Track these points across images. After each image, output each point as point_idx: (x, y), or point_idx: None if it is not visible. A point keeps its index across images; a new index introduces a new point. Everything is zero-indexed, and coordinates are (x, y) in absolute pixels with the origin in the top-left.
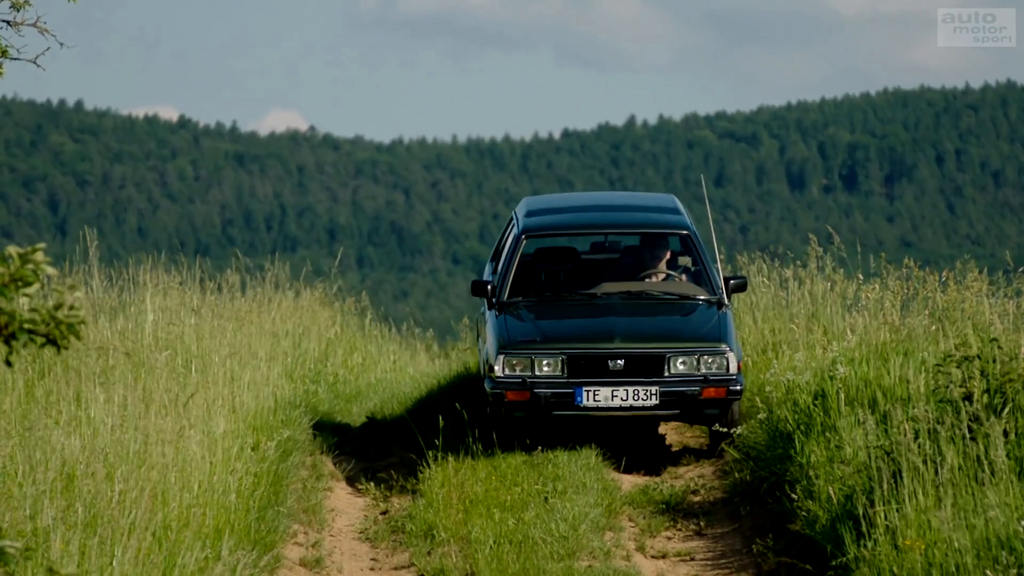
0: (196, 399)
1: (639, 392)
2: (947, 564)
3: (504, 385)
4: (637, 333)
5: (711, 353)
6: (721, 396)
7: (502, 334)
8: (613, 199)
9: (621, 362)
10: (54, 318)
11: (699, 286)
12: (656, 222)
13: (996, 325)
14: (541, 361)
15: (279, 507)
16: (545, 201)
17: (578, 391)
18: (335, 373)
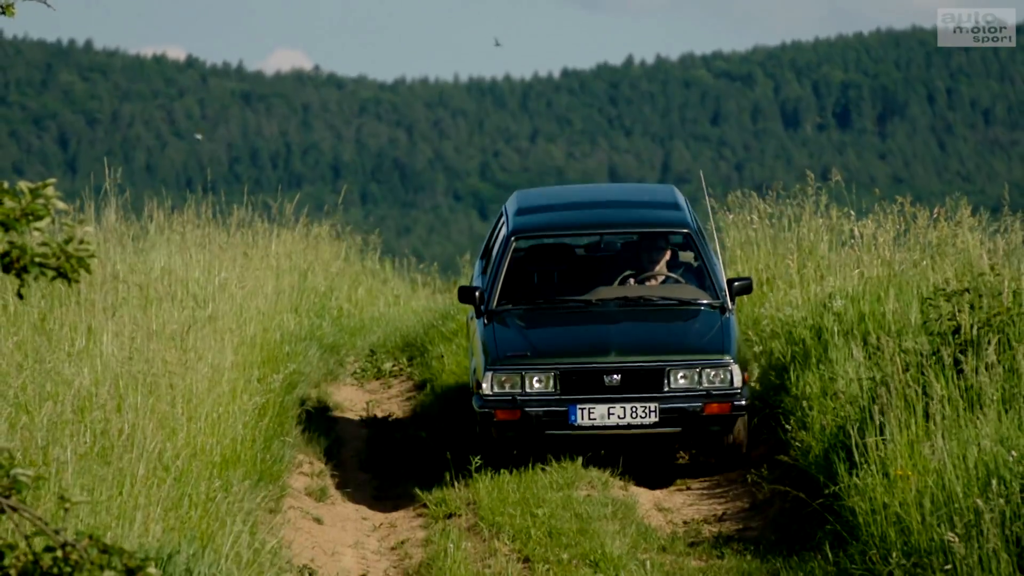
0: (203, 332)
1: (637, 409)
2: (937, 493)
3: (493, 403)
4: (634, 345)
5: (713, 365)
6: (725, 412)
7: (490, 348)
8: (609, 193)
9: (617, 377)
10: (64, 252)
11: (700, 289)
12: (655, 219)
13: (985, 260)
14: (532, 377)
15: (285, 438)
16: (537, 197)
17: (572, 409)
18: (339, 307)
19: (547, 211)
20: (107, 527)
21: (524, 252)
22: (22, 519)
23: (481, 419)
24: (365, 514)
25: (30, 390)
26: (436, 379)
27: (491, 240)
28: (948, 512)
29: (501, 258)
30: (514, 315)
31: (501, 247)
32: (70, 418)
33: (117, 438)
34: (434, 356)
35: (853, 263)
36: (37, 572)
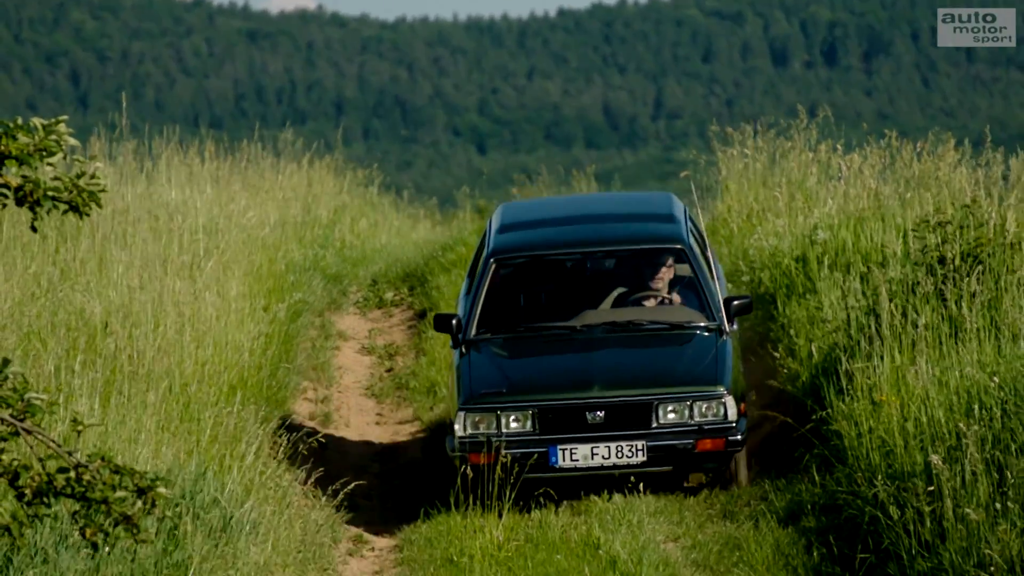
0: (211, 262)
1: (623, 448)
2: (921, 418)
3: (466, 447)
4: (619, 377)
5: (705, 398)
6: (719, 449)
7: (464, 385)
8: (600, 206)
9: (601, 414)
10: (76, 186)
11: (695, 310)
12: (645, 234)
13: (968, 192)
14: (508, 416)
15: (289, 365)
16: (522, 211)
17: (552, 450)
18: (342, 238)
19: (530, 228)
20: (118, 451)
21: (510, 271)
22: (36, 441)
23: (454, 462)
24: (368, 438)
25: (44, 319)
26: (436, 308)
27: (477, 256)
28: (931, 436)
29: (480, 282)
30: (492, 345)
31: (480, 269)
32: (82, 346)
33: (128, 365)
34: (434, 286)
35: (839, 196)
36: (51, 492)
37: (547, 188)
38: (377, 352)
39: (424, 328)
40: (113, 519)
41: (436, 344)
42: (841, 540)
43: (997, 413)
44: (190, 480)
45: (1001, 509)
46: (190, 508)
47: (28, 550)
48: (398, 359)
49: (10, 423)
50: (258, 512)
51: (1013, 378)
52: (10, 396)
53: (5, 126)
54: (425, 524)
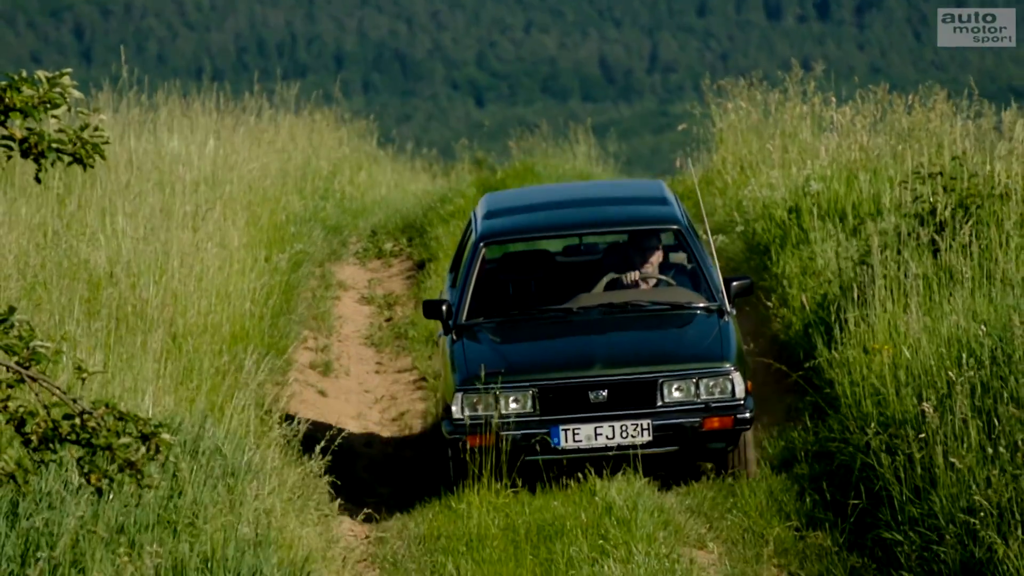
0: (213, 213)
1: (628, 427)
2: (913, 366)
3: (464, 428)
4: (622, 356)
5: (712, 375)
6: (727, 427)
7: (459, 366)
8: (588, 191)
9: (604, 392)
10: (80, 138)
11: (694, 291)
12: (641, 216)
13: (959, 144)
14: (507, 397)
15: (291, 315)
16: (507, 198)
17: (554, 431)
18: (342, 190)
19: (519, 213)
20: (121, 398)
21: (496, 261)
22: (42, 389)
23: (451, 446)
24: (367, 387)
25: (49, 269)
26: (435, 258)
27: (460, 251)
28: (922, 384)
29: (470, 267)
30: (485, 329)
31: (469, 256)
32: (86, 295)
33: (131, 314)
34: (432, 237)
35: (832, 148)
36: (56, 439)
37: (545, 140)
38: (376, 302)
39: (423, 278)
40: (117, 465)
41: (435, 294)
42: (833, 487)
43: (987, 361)
44: (192, 427)
45: (991, 456)
46: (192, 455)
47: (34, 496)
48: (397, 309)
49: (16, 371)
50: (259, 458)
51: (1003, 327)
52: (16, 344)
53: (10, 79)
54: (423, 472)
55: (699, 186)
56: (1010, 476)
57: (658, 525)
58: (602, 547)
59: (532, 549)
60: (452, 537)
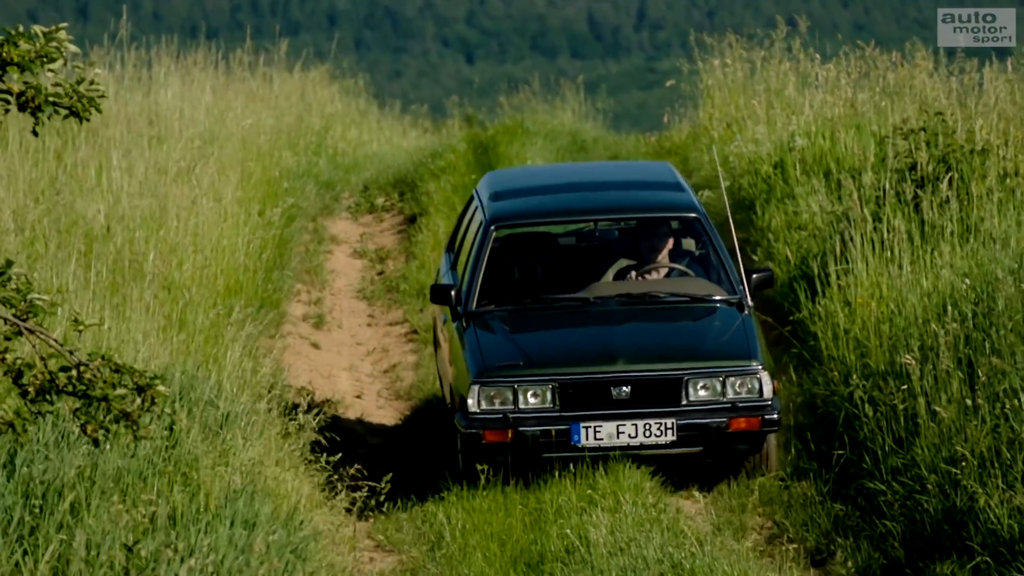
0: (208, 168)
1: (651, 426)
2: (896, 319)
3: (480, 423)
4: (645, 351)
5: (739, 373)
6: (754, 428)
7: (475, 357)
8: (597, 172)
9: (627, 389)
10: (76, 92)
11: (713, 283)
12: (659, 203)
13: (941, 101)
14: (526, 391)
15: (284, 268)
16: (513, 178)
17: (575, 428)
18: (335, 146)
19: (530, 194)
20: (117, 350)
21: (500, 243)
22: (39, 341)
23: (466, 441)
24: (359, 339)
25: (46, 223)
26: (425, 213)
27: (459, 230)
28: (905, 337)
29: (479, 251)
30: (498, 317)
31: (478, 238)
32: (83, 249)
33: (128, 268)
34: (423, 192)
35: (817, 104)
36: (53, 390)
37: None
38: (368, 256)
39: (414, 232)
40: (113, 416)
41: (425, 248)
42: (818, 437)
43: (968, 314)
44: (186, 379)
45: (972, 407)
46: (186, 406)
47: (31, 446)
48: (388, 262)
49: (13, 323)
50: (252, 409)
51: (984, 280)
52: (13, 297)
53: (7, 34)
54: (414, 423)
55: (686, 142)
56: (991, 427)
57: (645, 475)
58: (590, 496)
59: (522, 499)
60: (444, 484)
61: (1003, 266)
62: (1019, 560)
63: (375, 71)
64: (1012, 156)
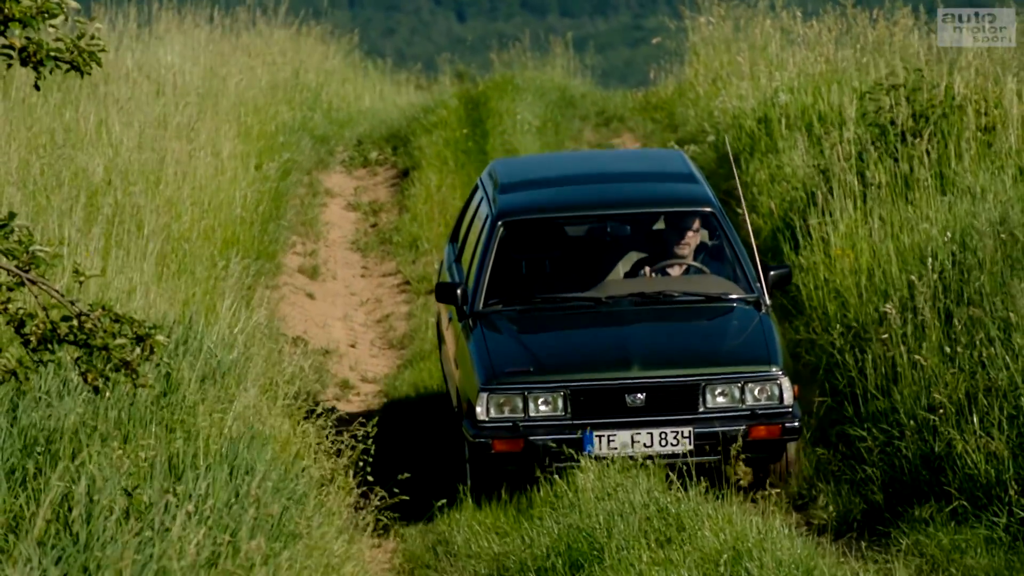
0: (206, 124)
1: (667, 435)
2: (875, 270)
3: (490, 432)
4: (661, 356)
5: (759, 379)
6: (774, 436)
7: (483, 362)
8: (607, 163)
9: (642, 396)
10: (77, 47)
11: (730, 281)
12: (673, 196)
13: (920, 57)
14: (537, 399)
15: (280, 221)
16: (521, 169)
17: (587, 436)
18: (329, 102)
19: (539, 187)
20: (117, 300)
21: (507, 235)
22: (41, 292)
23: (474, 450)
24: (353, 290)
25: (48, 176)
26: (418, 167)
27: (463, 220)
28: (884, 287)
29: (486, 247)
30: (506, 318)
31: (484, 233)
32: (84, 202)
33: (128, 220)
34: (416, 147)
35: (799, 60)
36: (55, 339)
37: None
38: (362, 208)
39: (407, 186)
40: (113, 365)
41: (418, 201)
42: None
43: (947, 265)
44: (184, 328)
45: (950, 355)
46: (185, 354)
47: (33, 394)
48: (382, 215)
49: (16, 274)
50: (249, 358)
51: (961, 232)
52: (16, 249)
53: None
54: (408, 370)
55: (672, 98)
56: (969, 374)
57: None
58: None
59: None
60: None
61: (979, 218)
62: (995, 504)
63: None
64: (989, 112)
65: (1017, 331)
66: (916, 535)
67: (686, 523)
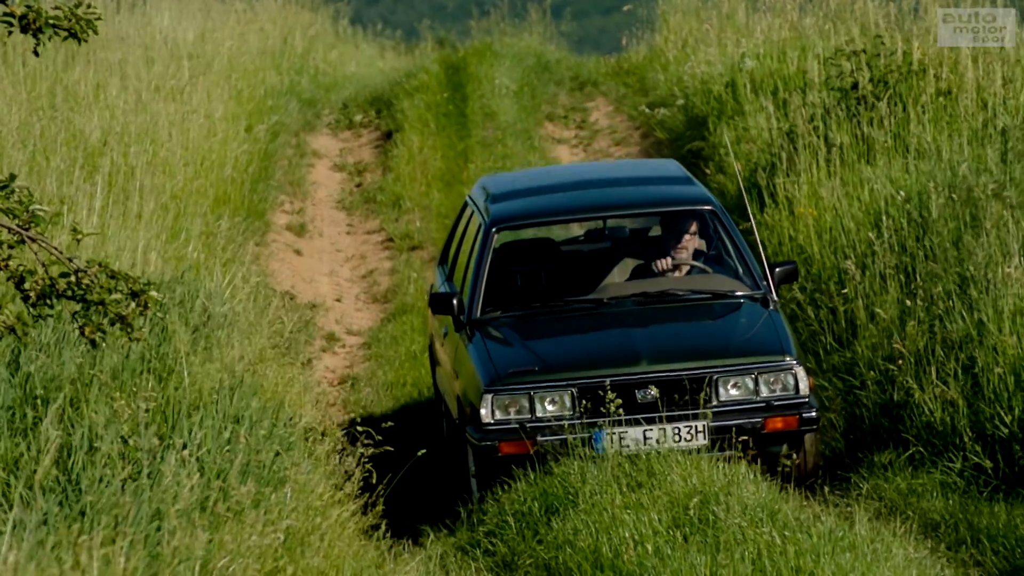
0: (198, 87)
1: (681, 430)
2: (836, 228)
3: (496, 434)
4: (669, 349)
5: (772, 369)
6: (792, 427)
7: (485, 365)
8: (600, 171)
9: (653, 391)
10: (75, 15)
11: (735, 279)
12: (672, 196)
13: (880, 24)
14: (544, 398)
15: (269, 181)
16: (511, 181)
17: (598, 435)
18: (316, 66)
19: (532, 195)
20: (114, 257)
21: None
22: (40, 249)
23: (480, 454)
24: (339, 247)
25: (48, 138)
26: (400, 129)
27: (452, 241)
28: (844, 244)
29: (481, 256)
30: (506, 324)
31: (478, 243)
32: (82, 162)
33: (124, 180)
34: (399, 109)
35: (765, 27)
36: (54, 295)
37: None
38: (347, 169)
39: (390, 147)
40: (109, 319)
41: (401, 162)
42: None
43: (904, 223)
44: (178, 283)
45: (908, 309)
46: (178, 308)
47: (34, 346)
48: (366, 175)
49: (16, 232)
50: (240, 311)
51: (919, 192)
52: (16, 208)
53: None
54: (391, 323)
55: (644, 63)
56: (926, 327)
57: None
58: None
59: None
60: (418, 383)
61: (935, 179)
62: (951, 450)
63: None
64: (946, 76)
65: (972, 285)
66: (875, 480)
67: (656, 468)
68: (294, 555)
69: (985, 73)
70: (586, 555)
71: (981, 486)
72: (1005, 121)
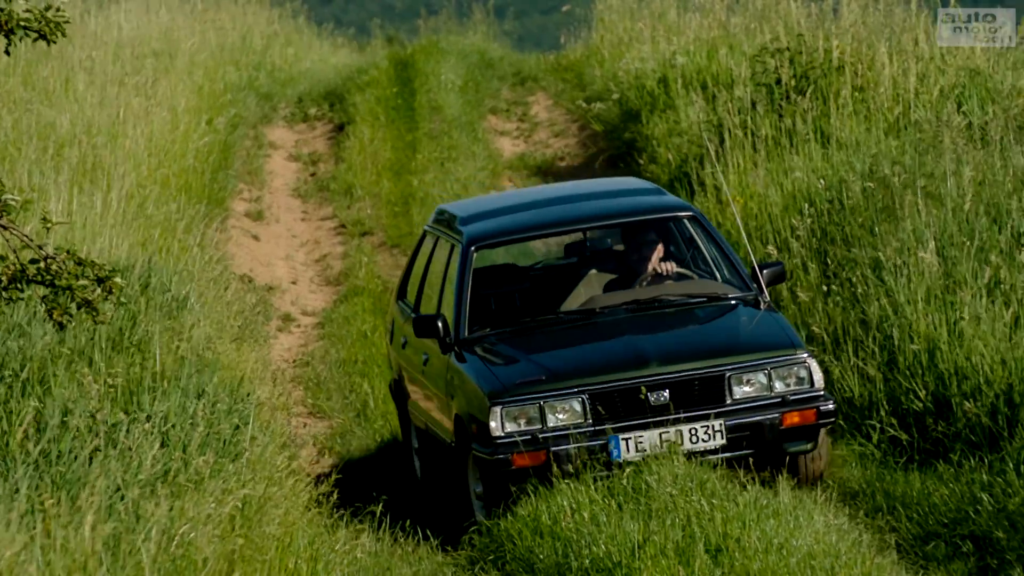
0: (162, 82)
1: (698, 431)
2: (761, 214)
3: (507, 447)
4: (679, 350)
5: (786, 363)
6: (810, 422)
7: (487, 379)
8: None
9: (666, 393)
10: (45, 18)
11: (724, 282)
12: (650, 205)
13: (803, 24)
14: (554, 407)
15: (228, 170)
16: (474, 204)
17: (613, 441)
18: (273, 63)
19: (504, 214)
20: (83, 243)
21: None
22: (11, 236)
23: (491, 468)
24: (294, 232)
25: (18, 130)
26: (352, 122)
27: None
28: (769, 230)
29: (461, 277)
30: (499, 340)
31: (456, 265)
32: (52, 153)
33: (92, 170)
34: (351, 103)
35: (695, 27)
36: (24, 280)
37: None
38: (302, 159)
39: (343, 139)
40: (76, 303)
41: (352, 152)
42: None
43: (824, 210)
44: (143, 267)
45: (827, 291)
46: (143, 290)
47: (7, 326)
48: (320, 165)
49: None
50: (201, 293)
51: (838, 181)
52: None
53: None
54: (344, 304)
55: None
56: (842, 308)
57: None
58: None
59: None
60: (368, 361)
61: (853, 168)
62: (869, 423)
63: None
64: (863, 73)
65: (886, 269)
66: None
67: None
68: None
69: (900, 70)
70: (526, 522)
71: (897, 457)
72: (919, 114)
